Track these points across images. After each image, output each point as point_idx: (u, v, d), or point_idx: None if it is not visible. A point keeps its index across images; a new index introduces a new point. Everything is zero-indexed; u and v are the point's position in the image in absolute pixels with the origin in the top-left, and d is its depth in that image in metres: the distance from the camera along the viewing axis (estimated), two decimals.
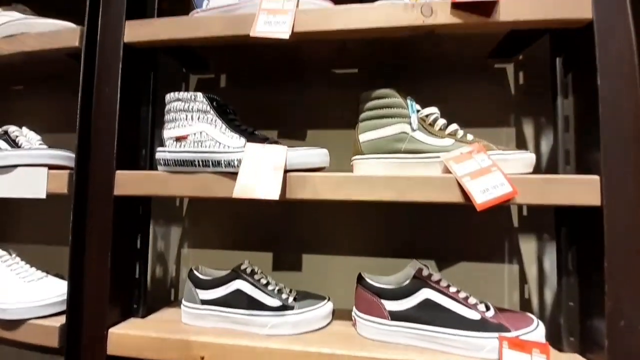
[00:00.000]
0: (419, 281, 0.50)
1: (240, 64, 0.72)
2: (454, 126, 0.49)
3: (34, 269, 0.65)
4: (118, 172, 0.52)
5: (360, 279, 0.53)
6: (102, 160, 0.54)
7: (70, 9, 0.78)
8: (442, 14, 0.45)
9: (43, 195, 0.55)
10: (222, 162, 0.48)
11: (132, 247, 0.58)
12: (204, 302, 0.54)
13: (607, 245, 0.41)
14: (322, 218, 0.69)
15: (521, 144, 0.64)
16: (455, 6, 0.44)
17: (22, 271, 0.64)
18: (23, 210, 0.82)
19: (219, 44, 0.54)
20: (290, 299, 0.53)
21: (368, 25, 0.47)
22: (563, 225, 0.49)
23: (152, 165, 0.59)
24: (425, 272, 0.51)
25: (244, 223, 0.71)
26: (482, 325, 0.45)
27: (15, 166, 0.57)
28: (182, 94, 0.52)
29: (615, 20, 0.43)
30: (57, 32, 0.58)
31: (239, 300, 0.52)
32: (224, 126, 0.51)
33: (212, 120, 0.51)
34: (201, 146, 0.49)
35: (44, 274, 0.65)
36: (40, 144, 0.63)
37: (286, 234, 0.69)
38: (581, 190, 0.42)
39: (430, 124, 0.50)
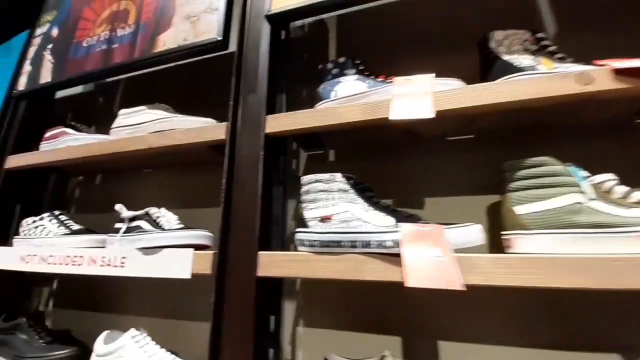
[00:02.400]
0: None
1: (351, 139, 0.75)
2: (638, 194, 0.43)
3: (163, 350, 0.66)
4: (261, 253, 0.53)
5: None
6: (244, 241, 0.55)
7: (203, 106, 0.92)
8: (602, 81, 0.43)
9: (188, 276, 0.57)
10: (372, 242, 0.46)
11: (266, 330, 0.56)
12: None
13: None
14: (460, 298, 0.61)
15: None
16: (617, 72, 0.42)
17: (152, 353, 0.65)
18: (142, 282, 0.87)
19: (345, 128, 0.57)
20: None
21: (517, 98, 0.46)
22: None
23: (283, 244, 0.60)
24: None
25: (362, 301, 0.66)
26: None
27: (162, 247, 0.62)
28: (321, 175, 0.53)
29: None
30: (204, 127, 0.66)
31: None
32: (365, 204, 0.50)
33: (353, 199, 0.51)
34: (348, 226, 0.48)
35: (172, 355, 0.65)
36: (178, 224, 0.69)
37: (417, 315, 0.62)
38: None
39: (605, 192, 0.44)
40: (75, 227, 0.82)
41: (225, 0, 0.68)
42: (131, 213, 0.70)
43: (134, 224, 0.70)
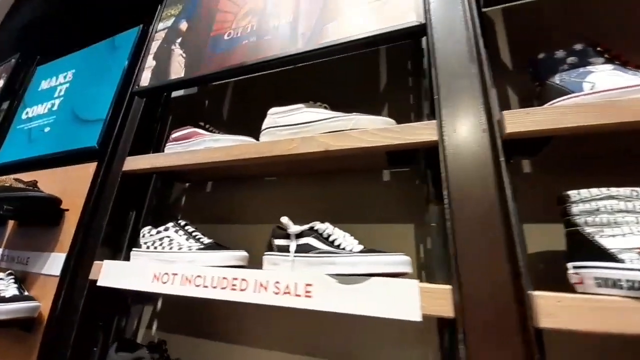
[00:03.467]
0: None
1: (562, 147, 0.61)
2: None
3: None
4: (535, 293, 0.39)
5: None
6: (486, 273, 0.42)
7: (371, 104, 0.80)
8: None
9: (418, 318, 0.43)
10: None
11: None
12: None
13: None
14: None
15: None
16: None
17: None
18: None
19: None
20: None
21: None
22: None
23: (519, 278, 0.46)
24: None
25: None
26: None
27: (369, 275, 0.49)
28: (616, 190, 0.40)
29: None
30: (406, 127, 0.54)
31: None
32: None
33: None
34: None
35: None
36: (358, 243, 0.56)
37: None
38: None
39: None
40: (206, 240, 0.71)
41: None
42: (298, 228, 0.58)
43: (302, 241, 0.58)
